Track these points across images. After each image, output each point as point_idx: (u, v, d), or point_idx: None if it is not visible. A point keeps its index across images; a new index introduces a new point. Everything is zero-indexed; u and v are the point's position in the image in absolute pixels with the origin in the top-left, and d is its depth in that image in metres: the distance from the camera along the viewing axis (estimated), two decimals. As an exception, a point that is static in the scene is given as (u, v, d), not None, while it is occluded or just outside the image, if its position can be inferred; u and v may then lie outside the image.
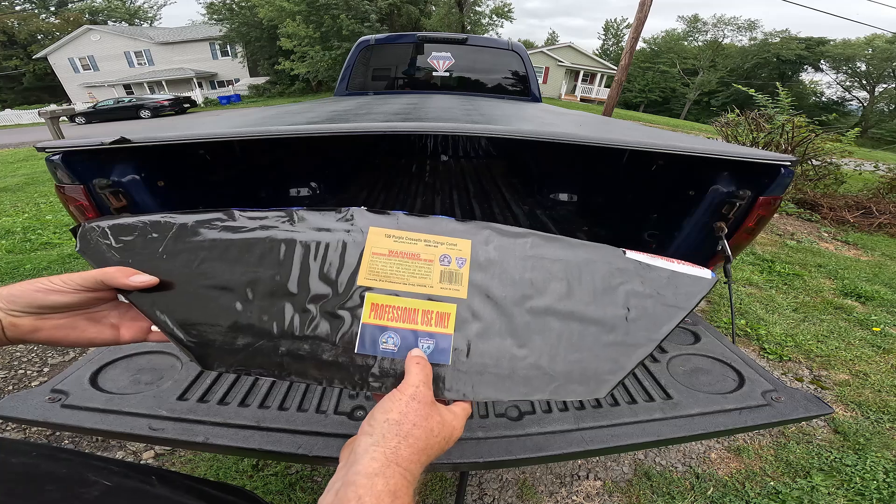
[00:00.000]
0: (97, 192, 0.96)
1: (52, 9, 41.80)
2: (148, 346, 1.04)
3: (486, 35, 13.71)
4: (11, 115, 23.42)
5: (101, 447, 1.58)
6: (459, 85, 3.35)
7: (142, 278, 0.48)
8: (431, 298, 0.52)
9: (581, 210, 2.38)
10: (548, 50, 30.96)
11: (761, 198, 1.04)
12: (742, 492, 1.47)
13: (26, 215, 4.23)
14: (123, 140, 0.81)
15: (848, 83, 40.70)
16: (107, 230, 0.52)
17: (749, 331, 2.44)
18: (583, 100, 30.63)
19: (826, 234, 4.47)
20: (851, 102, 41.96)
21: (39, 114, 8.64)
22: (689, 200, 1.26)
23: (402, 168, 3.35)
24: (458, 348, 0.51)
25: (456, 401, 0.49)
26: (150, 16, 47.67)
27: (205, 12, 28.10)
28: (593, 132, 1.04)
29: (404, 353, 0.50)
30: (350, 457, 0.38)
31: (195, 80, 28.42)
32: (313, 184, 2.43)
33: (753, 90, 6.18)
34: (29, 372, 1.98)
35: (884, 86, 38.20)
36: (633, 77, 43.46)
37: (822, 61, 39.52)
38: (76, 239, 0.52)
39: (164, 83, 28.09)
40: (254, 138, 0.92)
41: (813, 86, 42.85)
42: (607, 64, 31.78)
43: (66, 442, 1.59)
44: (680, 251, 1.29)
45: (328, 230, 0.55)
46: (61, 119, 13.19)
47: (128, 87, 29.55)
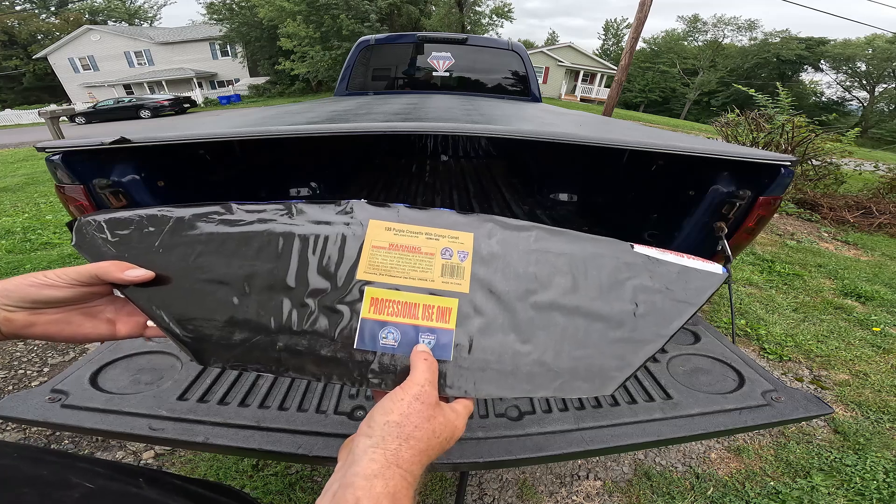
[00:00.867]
0: (97, 192, 0.96)
1: (52, 9, 41.80)
2: (148, 345, 1.04)
3: (486, 35, 13.70)
4: (11, 115, 23.41)
5: (101, 447, 1.58)
6: (459, 85, 3.35)
7: (137, 273, 0.48)
8: (433, 293, 0.51)
9: (581, 210, 2.38)
10: (548, 50, 30.96)
11: (761, 198, 1.04)
12: (742, 492, 1.47)
13: (26, 215, 4.23)
14: (123, 140, 0.81)
15: (848, 83, 40.71)
16: (103, 224, 0.51)
17: (749, 331, 2.44)
18: (583, 100, 30.63)
19: (826, 234, 4.47)
20: (851, 102, 41.98)
21: (39, 114, 8.64)
22: (689, 200, 1.26)
23: (402, 168, 3.35)
24: (459, 344, 0.50)
25: (458, 398, 0.48)
26: (150, 16, 47.67)
27: (205, 12, 28.10)
28: (593, 132, 1.04)
29: (405, 348, 0.49)
30: (348, 458, 0.38)
31: (195, 80, 28.41)
32: (313, 184, 2.43)
33: (753, 90, 6.18)
34: (29, 372, 1.98)
35: (884, 86, 38.21)
36: (633, 77, 43.46)
37: (822, 61, 39.52)
38: (72, 233, 0.51)
39: (164, 83, 28.08)
40: (254, 138, 0.92)
41: (813, 86, 42.85)
42: (607, 64, 31.78)
43: (66, 442, 1.59)
44: (680, 251, 1.29)
45: (327, 223, 0.54)
46: (61, 119, 13.18)
47: (128, 87, 29.55)
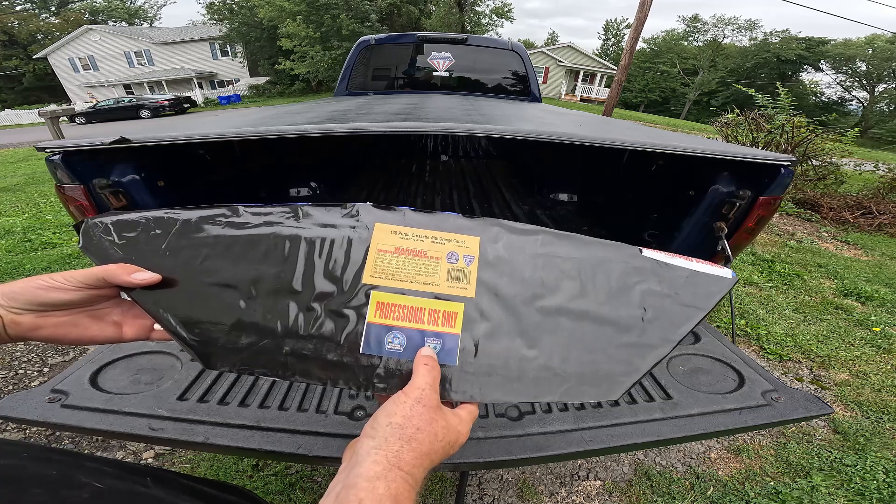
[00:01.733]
0: (97, 192, 0.96)
1: (53, 9, 41.80)
2: (148, 345, 1.04)
3: (486, 35, 13.70)
4: (11, 115, 23.41)
5: (101, 447, 1.58)
6: (459, 85, 3.35)
7: (144, 276, 0.48)
8: (438, 297, 0.51)
9: (581, 210, 2.38)
10: (548, 50, 30.96)
11: (761, 198, 1.04)
12: (742, 492, 1.47)
13: (26, 215, 4.23)
14: (123, 140, 0.81)
15: (848, 83, 40.71)
16: (109, 226, 0.51)
17: (749, 331, 2.44)
18: (583, 100, 30.63)
19: (826, 234, 4.47)
20: (851, 102, 41.98)
21: (39, 114, 8.64)
22: (689, 200, 1.26)
23: (402, 168, 3.35)
24: (465, 349, 0.50)
25: (462, 403, 0.48)
26: (150, 16, 47.67)
27: (205, 12, 28.14)
28: (593, 132, 1.04)
29: (410, 353, 0.49)
30: (352, 459, 0.38)
31: (195, 80, 28.42)
32: (313, 184, 2.43)
33: (753, 90, 6.18)
34: (29, 372, 1.98)
35: (884, 86, 38.20)
36: (633, 77, 43.45)
37: (822, 61, 39.52)
38: (79, 235, 0.51)
39: (164, 83, 28.08)
40: (254, 138, 0.92)
41: (813, 86, 42.86)
42: (607, 64, 31.78)
43: (67, 442, 1.59)
44: (680, 251, 1.29)
45: (333, 226, 0.54)
46: (61, 119, 13.18)
47: (128, 87, 29.55)
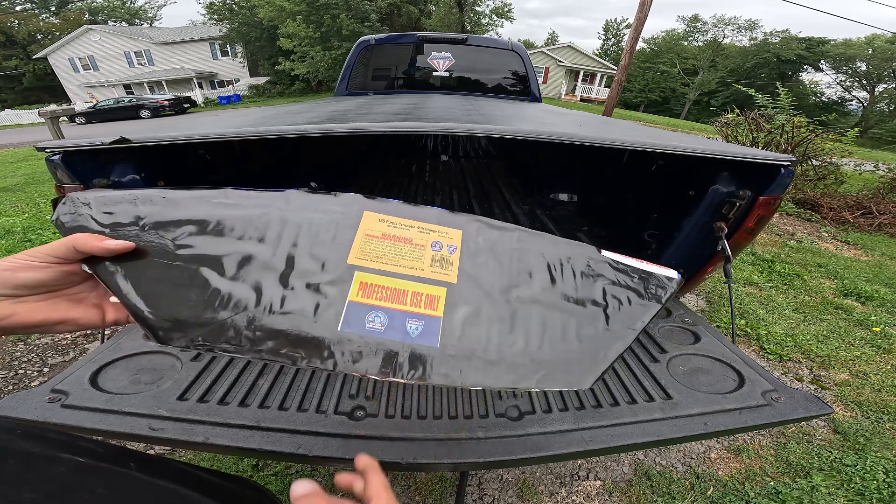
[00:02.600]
0: (97, 192, 0.96)
1: (53, 9, 41.81)
2: (148, 345, 1.03)
3: (486, 35, 13.70)
4: (11, 115, 23.40)
5: (101, 447, 1.58)
6: (459, 85, 3.35)
7: (115, 243, 0.45)
8: (422, 280, 0.53)
9: (581, 210, 2.38)
10: (548, 50, 30.96)
11: (761, 198, 1.04)
12: (742, 492, 1.47)
13: (26, 215, 4.23)
14: (123, 140, 0.81)
15: (848, 83, 40.70)
16: (91, 202, 0.49)
17: (749, 331, 2.44)
18: (583, 100, 30.63)
19: (826, 234, 4.47)
20: (851, 102, 41.97)
21: (39, 114, 8.64)
22: (689, 200, 1.26)
23: (402, 168, 3.35)
24: (446, 331, 0.51)
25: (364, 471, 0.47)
26: (150, 16, 47.66)
27: (205, 12, 28.13)
28: (593, 132, 1.04)
29: (391, 333, 0.49)
30: None
31: (195, 80, 28.41)
32: (313, 184, 2.43)
33: (753, 90, 6.18)
34: (29, 372, 1.98)
35: (884, 86, 38.20)
36: (633, 77, 43.45)
37: (822, 61, 39.51)
38: (54, 209, 0.49)
39: (164, 83, 28.08)
40: (254, 138, 0.92)
41: (813, 86, 42.85)
42: (607, 64, 31.78)
43: (66, 442, 1.59)
44: (680, 251, 1.29)
45: (322, 211, 0.55)
46: (61, 119, 13.18)
47: (128, 87, 29.54)
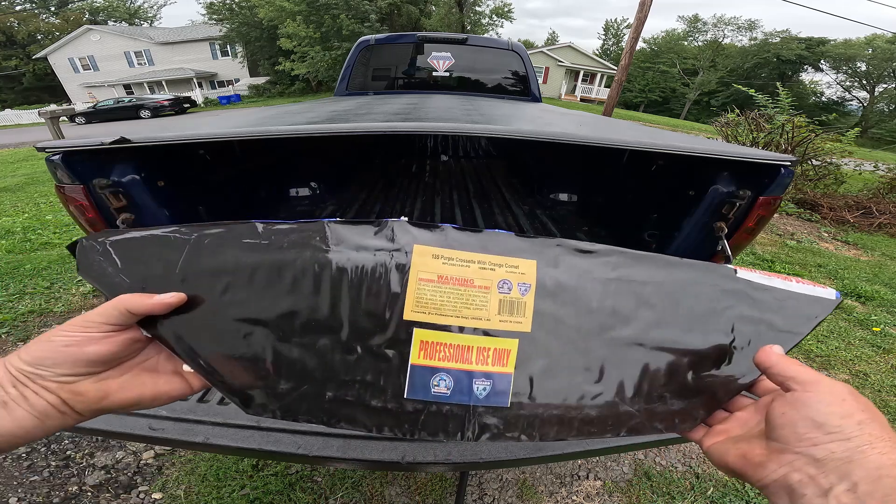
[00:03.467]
0: (97, 192, 0.96)
1: (52, 9, 41.81)
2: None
3: (486, 35, 13.70)
4: (11, 115, 23.41)
5: (101, 447, 1.58)
6: (459, 85, 3.35)
7: (166, 297, 0.42)
8: (488, 333, 0.46)
9: (581, 210, 2.38)
10: (548, 50, 30.96)
11: (761, 198, 1.04)
12: (742, 492, 1.47)
13: (26, 215, 4.23)
14: (123, 140, 0.81)
15: (848, 83, 40.71)
16: (109, 248, 0.44)
17: (749, 331, 2.44)
18: (583, 100, 30.63)
19: (826, 234, 4.48)
20: (851, 102, 41.98)
21: (39, 114, 8.64)
22: (689, 200, 1.25)
23: (402, 168, 3.35)
24: (518, 388, 0.46)
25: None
26: (150, 16, 47.66)
27: (205, 12, 28.13)
28: (593, 132, 1.04)
29: (458, 396, 0.45)
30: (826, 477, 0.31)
31: (195, 80, 28.41)
32: (313, 184, 2.43)
33: (753, 90, 6.18)
34: (29, 372, 1.98)
35: (884, 86, 38.21)
36: (633, 77, 43.46)
37: (822, 61, 39.53)
38: (75, 258, 0.45)
39: (164, 83, 28.08)
40: (254, 138, 0.92)
41: (813, 86, 42.86)
42: (607, 64, 31.78)
43: (66, 442, 1.59)
44: (680, 251, 1.29)
45: (367, 249, 0.47)
46: (61, 119, 13.18)
47: (128, 87, 29.54)
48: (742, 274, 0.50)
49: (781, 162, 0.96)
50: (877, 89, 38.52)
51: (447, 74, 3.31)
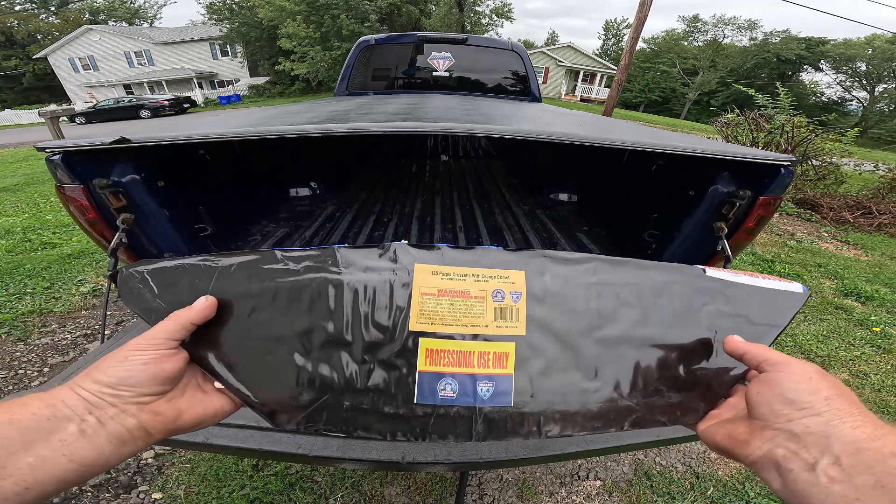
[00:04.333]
0: (97, 192, 0.96)
1: (52, 9, 41.81)
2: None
3: (486, 35, 13.70)
4: (11, 115, 23.43)
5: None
6: (459, 85, 3.35)
7: (200, 302, 0.45)
8: (486, 339, 0.50)
9: (581, 210, 2.38)
10: (548, 50, 30.96)
11: (761, 198, 1.04)
12: (742, 492, 1.47)
13: (26, 215, 4.23)
14: (123, 140, 0.81)
15: (848, 83, 40.72)
16: (147, 276, 0.49)
17: (749, 331, 2.44)
18: (583, 100, 30.63)
19: (826, 234, 4.48)
20: (851, 102, 41.99)
21: (39, 114, 8.64)
22: (689, 200, 1.25)
23: (402, 168, 3.35)
24: (520, 388, 0.49)
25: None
26: (150, 16, 47.67)
27: (205, 12, 28.15)
28: (593, 132, 1.04)
29: (464, 399, 0.48)
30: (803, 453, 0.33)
31: (195, 80, 28.42)
32: (313, 184, 2.43)
33: (753, 90, 6.19)
34: (29, 372, 1.98)
35: (884, 86, 38.23)
36: (633, 77, 43.46)
37: (822, 61, 39.54)
38: (117, 286, 0.50)
39: (164, 83, 28.09)
40: (254, 138, 0.92)
41: (813, 86, 42.87)
42: (607, 64, 31.78)
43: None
44: (680, 251, 1.29)
45: (373, 270, 0.52)
46: (61, 119, 13.19)
47: (128, 87, 29.55)
48: (711, 273, 0.54)
49: (781, 162, 0.96)
50: (877, 89, 38.53)
51: (447, 74, 3.31)
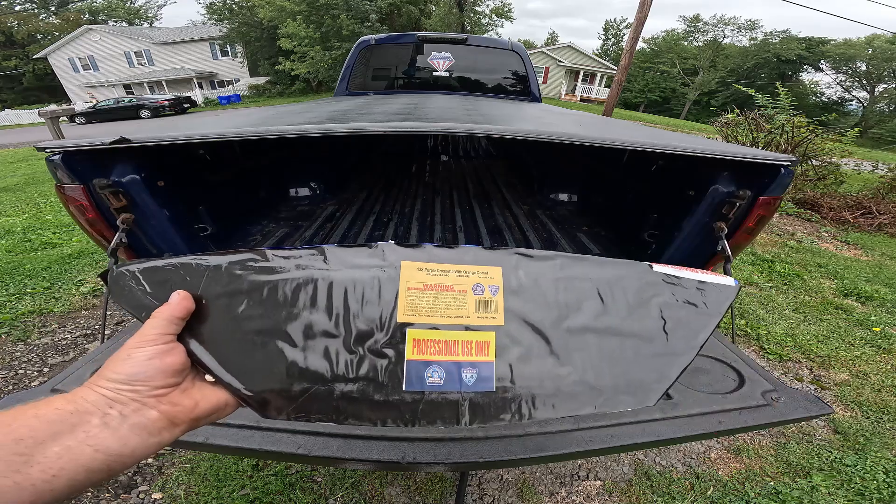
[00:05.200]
0: (97, 192, 0.96)
1: (52, 9, 41.80)
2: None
3: (486, 35, 13.70)
4: (11, 115, 23.43)
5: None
6: (459, 85, 3.35)
7: (175, 295, 0.46)
8: (469, 328, 0.54)
9: (581, 210, 2.38)
10: (548, 50, 30.96)
11: (761, 198, 1.04)
12: (742, 492, 1.47)
13: (26, 215, 4.23)
14: (123, 140, 0.81)
15: (848, 83, 40.71)
16: (138, 274, 0.51)
17: (749, 331, 2.44)
18: (583, 100, 30.63)
19: (826, 234, 4.48)
20: (851, 102, 41.97)
21: (39, 114, 8.64)
22: (689, 200, 1.25)
23: (402, 168, 3.35)
24: (501, 375, 0.52)
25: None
26: (150, 16, 47.65)
27: (205, 12, 28.11)
28: (593, 132, 1.04)
29: (450, 385, 0.51)
30: None
31: (195, 80, 28.42)
32: (313, 184, 2.43)
33: (753, 90, 6.18)
34: (29, 372, 1.98)
35: (884, 86, 38.22)
36: (633, 77, 43.46)
37: (822, 61, 39.53)
38: (107, 285, 0.51)
39: (164, 83, 28.08)
40: (254, 138, 0.92)
41: (813, 86, 42.86)
42: (607, 64, 31.78)
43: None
44: (680, 251, 1.29)
45: (362, 267, 0.55)
46: (61, 119, 13.19)
47: (128, 87, 29.55)
48: (657, 268, 0.59)
49: (781, 162, 0.96)
50: (877, 89, 38.52)
51: (447, 74, 3.31)
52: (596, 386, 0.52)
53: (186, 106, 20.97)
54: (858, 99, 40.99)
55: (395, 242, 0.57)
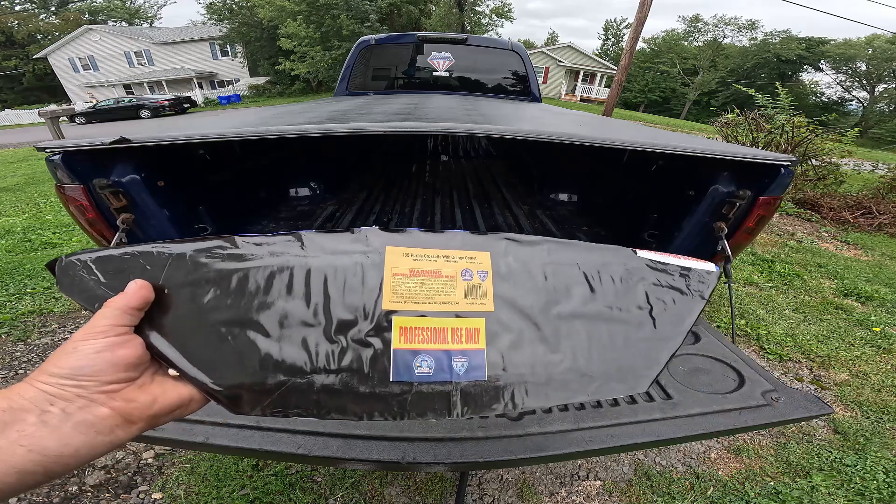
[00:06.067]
0: (97, 192, 0.96)
1: (52, 9, 41.79)
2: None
3: (486, 35, 13.70)
4: (11, 115, 23.42)
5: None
6: (459, 85, 3.35)
7: (132, 284, 0.42)
8: (459, 315, 0.51)
9: (581, 210, 2.38)
10: (548, 50, 30.96)
11: (761, 198, 1.04)
12: (742, 492, 1.47)
13: (26, 215, 4.23)
14: (123, 140, 0.81)
15: (848, 83, 40.71)
16: (90, 264, 0.46)
17: (749, 331, 2.44)
18: (583, 100, 30.63)
19: (826, 234, 4.47)
20: (851, 102, 41.97)
21: (39, 114, 8.64)
22: (689, 200, 1.26)
23: (402, 168, 3.35)
24: (492, 362, 0.50)
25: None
26: (150, 16, 47.64)
27: (205, 12, 28.10)
28: (593, 132, 1.04)
29: (440, 374, 0.49)
30: None
31: (195, 80, 28.41)
32: (313, 184, 2.43)
33: (753, 90, 6.18)
34: (29, 372, 1.97)
35: (884, 86, 38.21)
36: (633, 77, 43.46)
37: (822, 61, 39.53)
38: (54, 275, 0.46)
39: (164, 83, 28.08)
40: (254, 138, 0.92)
41: (813, 86, 42.85)
42: (607, 64, 31.78)
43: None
44: (680, 251, 1.29)
45: (343, 253, 0.52)
46: (61, 119, 13.20)
47: (128, 87, 29.54)
48: (641, 253, 0.59)
49: (781, 162, 0.96)
50: (877, 89, 38.52)
51: (447, 74, 3.31)
52: (587, 373, 0.51)
53: (186, 106, 20.96)
54: (858, 99, 40.99)
55: (378, 227, 0.54)
